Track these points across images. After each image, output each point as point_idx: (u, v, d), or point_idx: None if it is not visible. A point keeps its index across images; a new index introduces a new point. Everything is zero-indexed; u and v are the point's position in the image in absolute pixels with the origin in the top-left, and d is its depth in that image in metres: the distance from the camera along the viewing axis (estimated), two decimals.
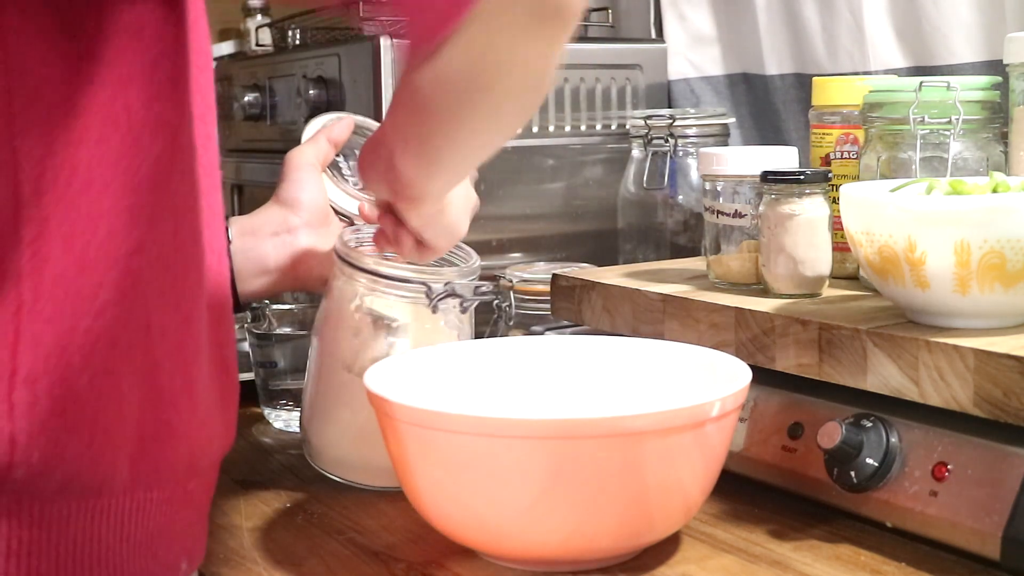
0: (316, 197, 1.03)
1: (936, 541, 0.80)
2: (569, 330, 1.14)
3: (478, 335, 1.13)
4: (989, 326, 0.81)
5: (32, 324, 0.63)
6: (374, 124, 1.12)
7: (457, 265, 1.00)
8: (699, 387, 0.86)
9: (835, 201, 0.92)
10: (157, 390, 0.69)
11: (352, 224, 1.04)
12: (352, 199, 1.06)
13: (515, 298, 1.20)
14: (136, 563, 0.70)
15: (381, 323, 0.97)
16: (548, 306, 1.14)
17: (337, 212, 1.05)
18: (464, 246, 1.02)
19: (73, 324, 0.64)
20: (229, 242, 0.99)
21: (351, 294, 0.97)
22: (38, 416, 0.63)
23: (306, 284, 1.05)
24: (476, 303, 0.98)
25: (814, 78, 1.11)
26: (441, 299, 0.95)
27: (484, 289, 0.98)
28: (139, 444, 0.68)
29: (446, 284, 0.95)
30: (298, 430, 1.08)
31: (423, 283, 0.95)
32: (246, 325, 1.18)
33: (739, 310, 0.93)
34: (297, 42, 1.54)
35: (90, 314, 0.65)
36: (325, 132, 1.07)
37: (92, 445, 0.66)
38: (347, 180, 1.08)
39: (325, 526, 0.91)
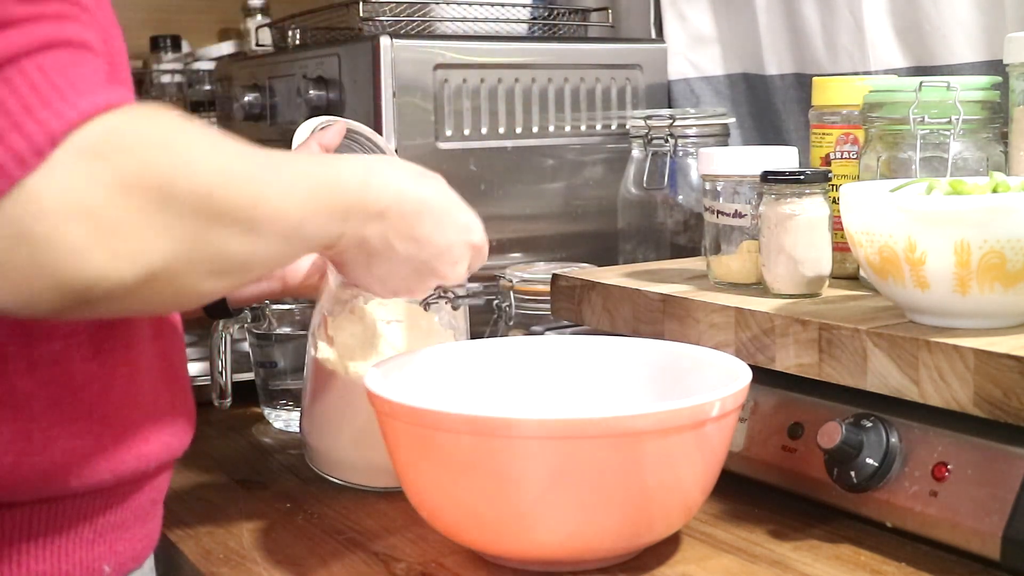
0: None
1: (936, 541, 0.80)
2: (569, 330, 1.14)
3: (478, 335, 1.13)
4: (989, 326, 0.81)
5: None
6: (365, 129, 1.13)
7: None
8: (699, 387, 0.86)
9: (835, 201, 0.92)
10: (33, 421, 0.68)
11: None
12: None
13: (515, 298, 1.20)
14: (44, 563, 0.70)
15: (374, 323, 0.97)
16: (548, 306, 1.14)
17: None
18: None
19: None
20: None
21: (345, 295, 0.97)
22: None
23: (295, 290, 1.06)
24: (467, 301, 0.98)
25: (814, 78, 1.11)
26: (433, 298, 0.95)
27: (474, 288, 0.98)
28: (16, 470, 0.67)
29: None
30: (298, 430, 1.08)
31: None
32: (246, 325, 1.18)
33: (739, 310, 0.93)
34: (297, 42, 1.54)
35: None
36: (317, 138, 1.07)
37: None
38: None
39: (325, 526, 0.91)
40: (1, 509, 0.69)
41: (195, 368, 1.42)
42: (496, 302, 1.21)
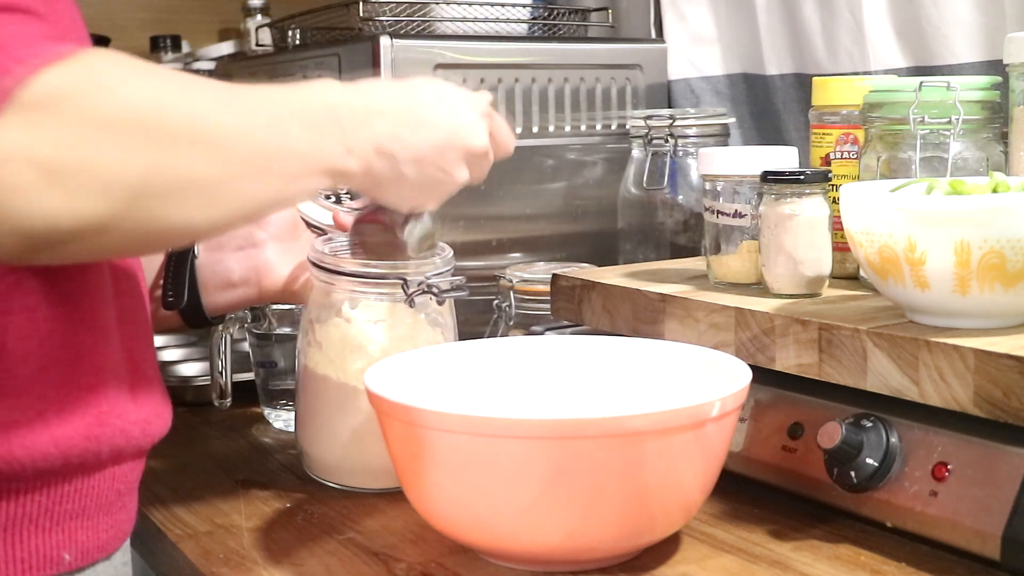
0: (284, 212, 1.04)
1: (936, 541, 0.80)
2: (569, 330, 1.14)
3: (478, 335, 1.13)
4: (989, 326, 0.81)
5: None
6: None
7: (432, 259, 1.00)
8: (699, 387, 0.86)
9: (835, 201, 0.92)
10: (5, 385, 0.70)
11: (324, 234, 1.05)
12: (325, 210, 1.07)
13: (515, 298, 1.20)
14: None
15: (360, 325, 0.97)
16: (548, 306, 1.14)
17: (311, 225, 1.06)
18: (438, 243, 1.03)
19: None
20: (195, 256, 1.00)
21: (330, 301, 0.98)
22: None
23: (273, 296, 1.06)
24: (451, 295, 0.98)
25: (814, 78, 1.11)
26: (418, 293, 0.95)
27: (459, 282, 0.98)
28: None
29: (421, 279, 0.96)
30: None
31: (400, 278, 0.95)
32: (246, 325, 1.18)
33: (739, 310, 0.93)
34: (297, 42, 1.54)
35: None
36: None
37: None
38: (318, 194, 1.08)
39: (325, 526, 0.91)
40: None
41: (195, 368, 1.43)
42: (496, 302, 1.21)
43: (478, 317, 1.23)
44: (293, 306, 1.21)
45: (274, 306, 1.20)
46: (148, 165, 0.62)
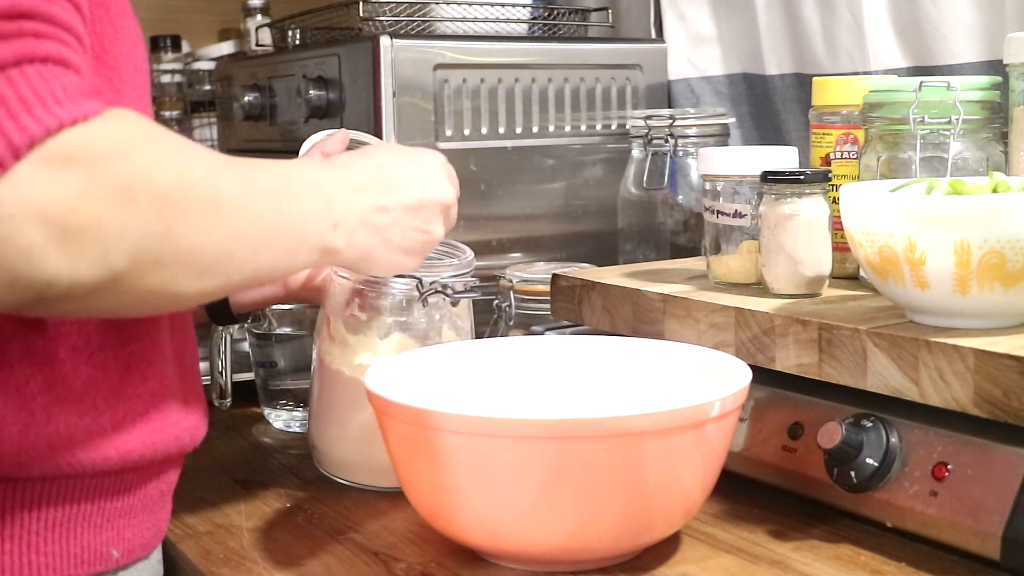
0: None
1: (936, 541, 0.80)
2: (569, 330, 1.14)
3: (478, 335, 1.13)
4: (989, 326, 0.81)
5: None
6: (368, 138, 1.13)
7: (451, 260, 1.01)
8: (699, 387, 0.86)
9: (835, 201, 0.92)
10: (33, 399, 0.71)
11: None
12: None
13: (515, 298, 1.20)
14: (53, 544, 0.73)
15: (377, 322, 0.97)
16: (548, 306, 1.14)
17: None
18: (458, 243, 1.03)
19: None
20: None
21: (347, 296, 0.98)
22: None
23: (298, 296, 1.06)
24: (465, 296, 0.98)
25: (814, 78, 1.11)
26: (431, 293, 0.96)
27: (473, 284, 0.98)
28: (23, 439, 0.70)
29: (435, 278, 0.96)
30: (298, 430, 1.08)
31: (414, 277, 0.95)
32: (246, 325, 1.18)
33: (739, 310, 0.93)
34: (297, 42, 1.54)
35: None
36: (319, 147, 1.07)
37: None
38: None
39: (325, 526, 0.91)
40: (11, 484, 0.72)
41: None
42: (496, 302, 1.21)
43: (478, 317, 1.23)
44: (293, 306, 1.21)
45: (274, 306, 1.20)
46: (155, 234, 0.62)
